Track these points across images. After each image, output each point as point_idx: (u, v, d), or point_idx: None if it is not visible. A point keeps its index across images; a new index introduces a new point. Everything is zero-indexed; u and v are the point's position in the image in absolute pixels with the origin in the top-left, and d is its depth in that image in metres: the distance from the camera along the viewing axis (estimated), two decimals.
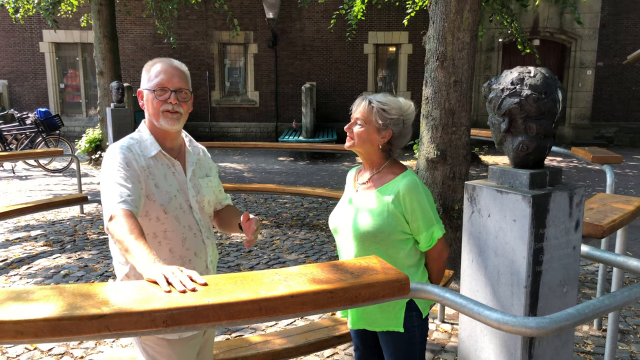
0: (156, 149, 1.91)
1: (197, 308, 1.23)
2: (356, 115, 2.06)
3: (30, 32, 14.89)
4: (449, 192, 4.55)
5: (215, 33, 15.04)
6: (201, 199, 2.00)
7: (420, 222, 2.01)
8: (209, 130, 15.31)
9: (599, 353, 3.49)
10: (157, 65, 1.91)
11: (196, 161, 2.04)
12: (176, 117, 1.90)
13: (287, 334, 2.87)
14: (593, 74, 14.67)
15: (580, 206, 1.63)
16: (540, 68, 1.59)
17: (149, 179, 1.86)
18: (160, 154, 1.92)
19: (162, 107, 1.88)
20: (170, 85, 1.88)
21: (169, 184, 1.91)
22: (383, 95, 2.07)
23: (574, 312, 1.30)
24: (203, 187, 2.02)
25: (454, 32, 4.33)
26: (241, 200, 8.08)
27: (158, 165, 1.91)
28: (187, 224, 1.93)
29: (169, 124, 1.89)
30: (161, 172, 1.90)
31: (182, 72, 1.93)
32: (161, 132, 1.94)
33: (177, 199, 1.91)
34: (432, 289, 1.42)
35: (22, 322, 1.14)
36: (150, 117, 1.92)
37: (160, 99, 1.88)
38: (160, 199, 1.86)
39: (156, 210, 1.86)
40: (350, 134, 2.07)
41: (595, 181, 9.71)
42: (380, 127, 2.03)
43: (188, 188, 1.96)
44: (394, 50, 15.51)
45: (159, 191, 1.87)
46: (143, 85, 1.93)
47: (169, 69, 1.90)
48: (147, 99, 1.91)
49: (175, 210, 1.89)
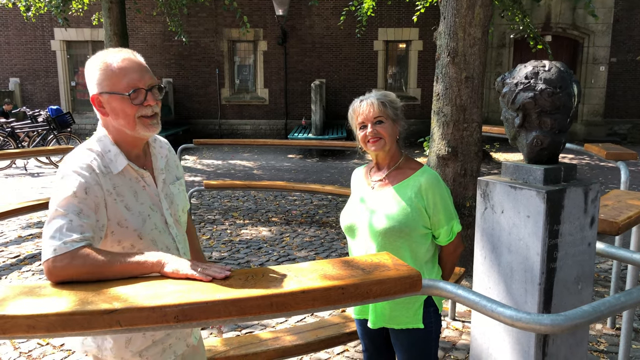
0: (123, 163, 1.58)
1: (207, 303, 1.23)
2: (375, 115, 2.01)
3: (41, 31, 15.00)
4: (460, 189, 4.51)
5: (225, 30, 15.06)
6: (175, 209, 1.72)
7: (442, 216, 2.01)
8: (218, 128, 15.35)
9: (613, 352, 3.46)
10: (117, 62, 1.55)
11: (165, 165, 1.74)
12: (156, 121, 1.59)
13: (298, 331, 2.86)
14: (606, 70, 14.50)
15: (596, 202, 1.60)
16: (555, 62, 1.57)
17: (117, 202, 1.55)
18: (127, 168, 1.60)
19: (138, 112, 1.54)
20: (142, 83, 1.55)
21: (141, 203, 1.61)
22: (375, 92, 2.09)
23: (590, 310, 1.28)
24: (175, 195, 1.74)
25: (466, 28, 4.29)
26: (251, 198, 8.09)
27: (125, 181, 1.59)
28: (165, 244, 1.66)
29: (149, 131, 1.58)
30: (130, 191, 1.60)
31: (146, 65, 1.61)
32: (131, 140, 1.61)
33: (151, 219, 1.62)
34: (444, 286, 1.40)
35: (35, 317, 1.14)
36: (121, 125, 1.57)
37: (136, 103, 1.53)
38: (134, 222, 1.57)
39: (130, 237, 1.57)
40: (376, 134, 2.02)
41: (609, 178, 9.61)
42: (395, 119, 2.05)
43: (161, 200, 1.67)
44: (404, 47, 15.44)
45: (131, 214, 1.57)
46: (101, 88, 1.55)
47: (134, 64, 1.56)
48: (114, 106, 1.54)
49: (151, 233, 1.61)
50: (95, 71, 1.56)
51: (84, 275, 1.37)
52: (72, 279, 1.37)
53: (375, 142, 2.03)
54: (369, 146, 2.05)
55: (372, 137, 2.03)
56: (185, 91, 15.34)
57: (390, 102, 2.05)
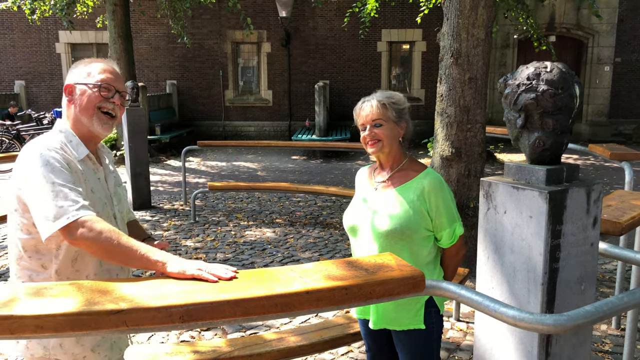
0: (84, 151, 1.70)
1: (213, 304, 1.24)
2: (373, 117, 2.02)
3: (46, 33, 15.08)
4: (464, 189, 4.51)
5: (228, 32, 15.10)
6: (122, 208, 1.87)
7: (444, 219, 2.02)
8: (222, 130, 15.38)
9: (618, 352, 3.45)
10: (99, 64, 1.75)
11: (113, 168, 1.88)
12: (112, 122, 1.73)
13: (302, 332, 2.87)
14: (611, 70, 14.46)
15: (598, 203, 1.61)
16: (557, 63, 1.57)
17: (86, 183, 1.67)
18: (87, 158, 1.72)
19: (100, 103, 1.69)
20: (116, 85, 1.73)
21: (99, 191, 1.74)
22: (380, 92, 2.08)
23: (592, 310, 1.29)
24: (122, 196, 1.89)
25: (469, 29, 4.30)
26: (255, 199, 8.10)
27: (87, 169, 1.71)
28: None
29: (102, 129, 1.71)
30: (93, 177, 1.72)
31: (123, 77, 1.82)
32: (86, 133, 1.72)
33: (106, 208, 1.75)
34: (447, 286, 1.41)
35: (42, 317, 1.16)
36: (81, 114, 1.69)
37: (102, 95, 1.69)
38: (96, 205, 1.68)
39: None
40: (374, 137, 2.03)
41: (614, 179, 9.58)
42: (397, 121, 2.04)
43: (112, 197, 1.81)
44: (407, 48, 15.44)
45: (94, 197, 1.69)
46: (77, 79, 1.72)
47: (114, 70, 1.76)
48: (82, 93, 1.69)
49: (107, 219, 1.67)
50: (79, 67, 1.75)
51: (95, 248, 1.49)
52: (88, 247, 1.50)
53: (374, 144, 2.04)
54: (368, 148, 2.07)
55: (370, 139, 2.04)
56: (189, 93, 15.38)
57: (393, 104, 2.04)
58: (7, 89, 15.14)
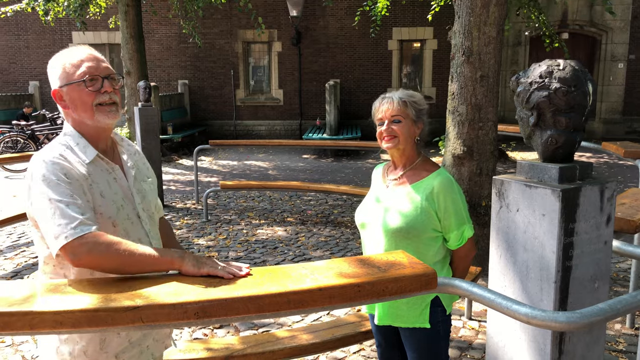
0: (92, 153, 1.61)
1: (227, 300, 1.26)
2: (393, 113, 2.03)
3: (60, 34, 15.24)
4: (476, 188, 4.50)
5: (239, 32, 15.15)
6: (147, 205, 1.75)
7: (452, 220, 2.01)
8: (233, 129, 15.44)
9: (632, 352, 3.42)
10: (73, 56, 1.63)
11: (134, 162, 1.77)
12: (114, 108, 1.63)
13: (314, 330, 2.89)
14: (625, 67, 14.29)
15: (612, 201, 1.60)
16: (570, 60, 1.57)
17: (94, 188, 1.58)
18: (97, 159, 1.63)
19: (95, 100, 1.58)
20: (99, 72, 1.60)
21: (114, 192, 1.64)
22: (401, 91, 2.09)
23: (606, 307, 1.28)
24: (148, 192, 1.77)
25: (480, 27, 4.28)
26: (266, 198, 8.13)
27: (97, 171, 1.62)
28: (137, 236, 1.67)
29: (108, 118, 1.61)
30: (104, 179, 1.63)
31: (103, 58, 1.68)
32: (93, 133, 1.64)
33: (124, 209, 1.65)
34: (459, 284, 1.41)
35: (62, 313, 1.18)
36: (81, 116, 1.61)
37: (92, 90, 1.58)
38: (108, 210, 1.60)
39: (104, 224, 1.58)
40: (391, 132, 2.03)
41: (628, 177, 9.48)
42: (415, 119, 2.05)
43: (133, 195, 1.70)
44: (418, 46, 15.38)
45: (105, 201, 1.60)
46: (60, 82, 1.61)
47: (91, 55, 1.63)
48: (73, 96, 1.59)
49: (124, 222, 1.63)
50: (55, 68, 1.64)
51: (106, 262, 1.42)
52: (94, 265, 1.43)
53: (390, 140, 2.04)
54: (383, 143, 2.07)
55: (387, 134, 2.04)
56: (201, 92, 15.46)
57: (413, 102, 2.05)
58: (21, 89, 15.32)
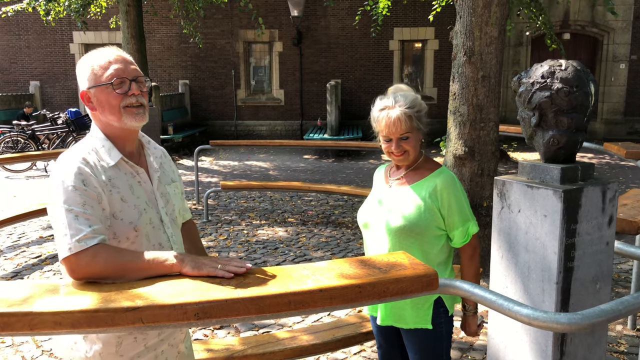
0: (117, 156, 1.61)
1: (227, 301, 1.25)
2: (401, 133, 1.99)
3: (60, 34, 15.25)
4: (477, 188, 4.49)
5: (240, 32, 15.15)
6: (171, 209, 1.75)
7: (456, 217, 2.00)
8: (234, 129, 15.44)
9: (633, 353, 3.41)
10: (101, 57, 1.63)
11: (160, 165, 1.77)
12: (142, 110, 1.63)
13: (314, 330, 2.88)
14: (626, 67, 14.28)
15: (614, 201, 1.59)
16: (572, 61, 1.56)
17: (114, 193, 1.57)
18: (122, 162, 1.63)
19: (122, 102, 1.59)
20: (127, 74, 1.60)
21: (137, 197, 1.63)
22: (401, 97, 2.02)
23: (607, 309, 1.28)
24: (171, 195, 1.77)
25: (482, 27, 4.27)
26: (267, 198, 8.13)
27: (121, 175, 1.62)
28: (158, 241, 1.67)
29: (136, 121, 1.61)
30: (126, 183, 1.62)
31: (132, 59, 1.68)
32: (120, 135, 1.64)
33: (147, 213, 1.64)
34: (461, 285, 1.41)
35: (61, 314, 1.18)
36: (108, 118, 1.61)
37: (120, 92, 1.58)
38: (129, 215, 1.59)
39: (125, 230, 1.58)
40: (399, 149, 2.02)
41: (629, 178, 9.47)
42: (420, 128, 2.04)
43: (157, 198, 1.70)
44: (420, 46, 15.38)
45: (126, 206, 1.59)
46: (88, 83, 1.62)
47: (118, 57, 1.63)
48: (101, 98, 1.60)
49: (145, 227, 1.63)
50: (83, 69, 1.64)
51: (106, 273, 1.41)
52: (95, 277, 1.41)
53: (400, 155, 2.04)
54: (394, 158, 2.07)
55: (398, 153, 2.03)
56: (202, 93, 15.46)
57: (417, 113, 2.01)
58: (22, 89, 15.34)
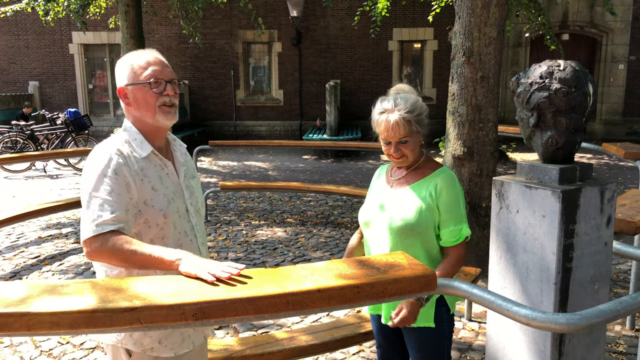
0: (148, 149, 1.76)
1: (225, 302, 1.25)
2: (399, 137, 2.00)
3: (60, 34, 15.23)
4: (476, 189, 4.49)
5: (239, 32, 15.15)
6: (195, 201, 1.90)
7: (451, 215, 1.99)
8: (233, 129, 15.44)
9: (632, 353, 3.41)
10: (141, 58, 1.77)
11: (184, 161, 1.92)
12: (174, 110, 1.77)
13: (313, 331, 2.88)
14: (625, 68, 14.29)
15: (612, 202, 1.59)
16: (571, 61, 1.56)
17: (144, 183, 1.71)
18: (152, 155, 1.77)
19: (158, 101, 1.73)
20: (164, 76, 1.74)
21: (165, 187, 1.77)
22: (400, 100, 2.02)
23: (606, 309, 1.28)
24: (195, 188, 1.92)
25: (481, 27, 4.28)
26: (266, 199, 8.13)
27: (151, 166, 1.76)
28: (183, 229, 1.81)
29: (167, 119, 1.76)
30: (156, 174, 1.76)
31: (167, 63, 1.82)
32: (152, 130, 1.79)
33: (174, 202, 1.77)
34: (459, 285, 1.41)
35: (58, 314, 1.17)
36: (143, 115, 1.75)
37: (156, 92, 1.72)
38: (159, 203, 1.73)
39: (156, 216, 1.72)
40: (398, 153, 2.03)
41: (628, 178, 9.47)
42: (419, 130, 2.05)
43: (183, 190, 1.84)
44: (419, 47, 15.38)
45: (157, 194, 1.73)
46: (126, 81, 1.75)
47: (157, 60, 1.77)
48: (138, 95, 1.73)
49: (173, 215, 1.76)
50: (123, 67, 1.78)
51: (113, 260, 1.56)
52: (104, 261, 1.59)
53: (399, 158, 2.05)
54: (392, 159, 2.08)
55: (397, 156, 2.05)
56: (201, 93, 15.46)
57: (417, 117, 2.02)
58: (21, 89, 15.32)
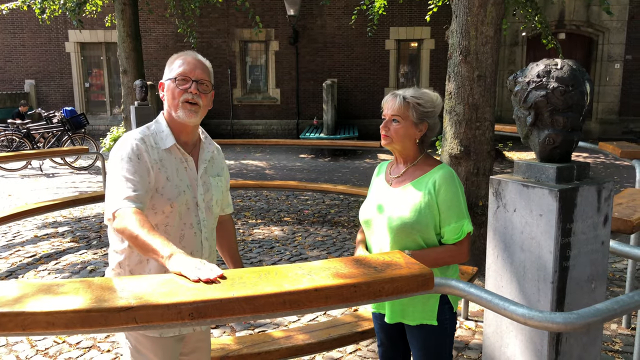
0: (171, 141, 1.89)
1: (222, 301, 1.24)
2: (392, 112, 2.04)
3: (56, 33, 15.17)
4: (473, 188, 4.50)
5: (236, 31, 15.12)
6: (209, 197, 1.98)
7: (452, 212, 1.99)
8: (230, 128, 15.41)
9: (628, 352, 3.42)
10: (180, 57, 1.91)
11: (209, 159, 2.02)
12: (194, 109, 1.86)
13: (310, 330, 2.88)
14: (621, 67, 14.33)
15: (609, 201, 1.59)
16: (568, 60, 1.56)
17: (161, 172, 1.85)
18: (174, 147, 1.90)
19: (182, 97, 1.85)
20: (192, 75, 1.86)
21: (180, 179, 1.89)
22: (414, 89, 2.08)
23: (603, 308, 1.28)
24: (213, 186, 2.00)
25: (478, 26, 4.28)
26: (263, 197, 8.12)
27: (171, 158, 1.89)
28: (189, 221, 1.91)
29: (186, 116, 1.87)
30: (173, 166, 1.89)
31: (205, 65, 1.92)
32: (178, 125, 1.91)
33: (185, 195, 1.89)
34: (456, 284, 1.41)
35: (53, 314, 1.17)
36: (169, 107, 1.90)
37: (181, 88, 1.85)
38: (169, 192, 1.85)
39: (163, 204, 1.84)
40: (387, 132, 2.06)
41: (624, 177, 9.50)
42: (416, 122, 2.05)
43: (198, 185, 1.94)
44: (415, 46, 15.38)
45: (169, 184, 1.86)
46: (165, 76, 1.93)
47: (192, 60, 1.89)
48: (168, 89, 1.89)
49: (180, 206, 1.87)
50: (168, 63, 1.94)
51: (125, 235, 1.65)
52: (120, 234, 1.69)
53: (384, 137, 2.09)
54: (382, 138, 2.11)
55: (383, 132, 2.08)
56: None
57: (417, 104, 2.03)
58: (17, 88, 15.26)
